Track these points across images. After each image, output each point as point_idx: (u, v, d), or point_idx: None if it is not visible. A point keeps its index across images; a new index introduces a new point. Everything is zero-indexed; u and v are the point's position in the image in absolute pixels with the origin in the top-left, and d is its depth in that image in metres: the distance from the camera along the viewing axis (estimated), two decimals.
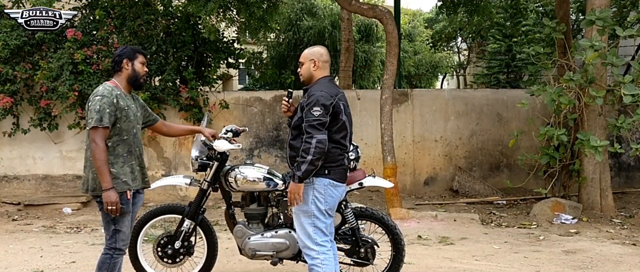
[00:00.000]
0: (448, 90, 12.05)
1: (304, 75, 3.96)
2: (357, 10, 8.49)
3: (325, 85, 3.81)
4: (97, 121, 3.65)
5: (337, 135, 3.76)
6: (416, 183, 9.88)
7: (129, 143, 3.87)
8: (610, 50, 7.11)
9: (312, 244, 3.79)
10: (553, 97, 7.07)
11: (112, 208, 3.64)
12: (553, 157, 7.58)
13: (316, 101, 3.65)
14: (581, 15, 12.24)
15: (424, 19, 26.96)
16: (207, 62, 9.78)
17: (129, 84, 3.97)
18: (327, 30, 18.12)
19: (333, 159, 3.76)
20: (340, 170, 3.82)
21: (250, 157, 9.61)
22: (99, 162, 3.63)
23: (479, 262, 5.58)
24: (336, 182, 3.80)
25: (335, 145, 3.75)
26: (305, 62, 3.93)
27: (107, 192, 3.64)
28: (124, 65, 3.93)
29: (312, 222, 3.79)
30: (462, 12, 12.35)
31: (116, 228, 3.81)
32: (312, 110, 3.64)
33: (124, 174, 3.78)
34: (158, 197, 9.24)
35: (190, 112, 9.19)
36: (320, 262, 3.76)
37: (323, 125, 3.64)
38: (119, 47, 4.08)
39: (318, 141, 3.60)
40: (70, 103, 8.63)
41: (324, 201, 3.77)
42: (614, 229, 7.07)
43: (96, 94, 3.77)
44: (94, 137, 3.65)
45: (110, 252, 3.83)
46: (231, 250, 5.63)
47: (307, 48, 4.04)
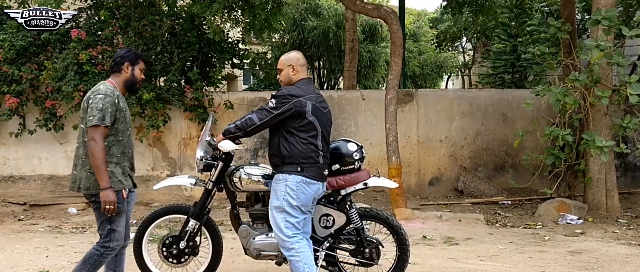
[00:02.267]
0: (453, 91, 12.03)
1: (283, 80, 4.14)
2: (361, 11, 8.48)
3: (298, 85, 4.04)
4: (99, 120, 3.64)
5: (305, 133, 3.95)
6: (421, 183, 9.86)
7: (123, 144, 3.87)
8: (616, 50, 7.09)
9: (285, 237, 3.94)
10: (558, 97, 7.05)
11: (110, 207, 3.63)
12: (558, 157, 7.56)
13: (274, 94, 3.95)
14: (587, 15, 12.21)
15: (428, 19, 26.94)
16: (211, 63, 9.79)
17: (125, 87, 3.97)
18: (332, 30, 18.11)
19: (305, 156, 3.94)
20: (314, 168, 3.97)
21: (255, 157, 9.62)
22: (99, 161, 3.61)
23: (484, 262, 5.57)
24: (309, 179, 3.95)
25: (304, 143, 3.94)
26: (283, 68, 4.12)
27: (106, 192, 3.63)
28: (124, 68, 3.92)
29: (283, 217, 3.95)
30: (467, 12, 12.34)
31: (112, 227, 3.81)
32: (269, 101, 3.95)
33: (117, 173, 3.79)
34: (163, 197, 9.26)
35: (195, 112, 9.21)
36: (296, 252, 3.93)
37: (269, 114, 3.90)
38: (123, 48, 4.08)
39: (249, 117, 3.97)
40: (76, 103, 8.66)
41: (296, 197, 3.92)
42: (620, 229, 7.04)
43: (98, 93, 3.74)
44: (94, 136, 3.63)
45: (101, 250, 3.82)
46: (236, 250, 5.64)
47: (283, 55, 4.20)
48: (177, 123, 9.51)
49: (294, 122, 3.92)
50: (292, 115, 3.90)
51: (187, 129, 9.54)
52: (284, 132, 3.96)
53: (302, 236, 4.00)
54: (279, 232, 3.98)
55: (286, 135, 3.96)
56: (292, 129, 3.93)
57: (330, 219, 4.36)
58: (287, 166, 3.95)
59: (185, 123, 9.51)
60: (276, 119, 3.91)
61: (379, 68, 20.29)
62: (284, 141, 3.95)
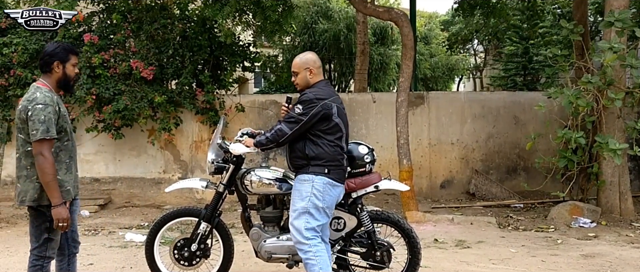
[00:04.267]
0: (464, 93, 12.00)
1: (300, 83, 4.06)
2: (372, 13, 8.49)
3: (319, 88, 3.97)
4: (43, 133, 3.35)
5: (332, 136, 3.90)
6: (432, 186, 9.83)
7: (69, 149, 3.65)
8: (629, 52, 7.04)
9: (304, 239, 3.88)
10: (571, 99, 7.00)
11: (63, 225, 3.43)
12: (571, 160, 7.50)
13: (301, 100, 3.85)
14: (599, 16, 12.14)
15: (440, 21, 26.87)
16: (223, 66, 9.84)
17: (59, 87, 3.65)
18: (343, 33, 18.13)
19: (332, 159, 3.91)
20: (339, 171, 3.95)
21: (266, 160, 9.63)
22: (49, 177, 3.37)
23: (496, 266, 5.54)
24: (335, 182, 3.93)
25: (332, 145, 3.90)
26: (300, 72, 4.03)
27: (58, 209, 3.41)
28: (54, 67, 3.58)
29: (306, 219, 3.89)
30: (479, 14, 12.29)
31: (50, 237, 3.58)
32: (295, 107, 3.87)
33: (67, 181, 3.58)
34: (175, 200, 9.30)
35: (207, 115, 9.24)
36: (313, 255, 3.87)
37: (298, 123, 3.83)
38: (50, 44, 3.73)
39: (280, 128, 3.88)
40: (88, 107, 8.72)
41: (322, 199, 3.88)
42: (634, 233, 6.98)
43: (36, 102, 3.41)
44: (41, 150, 3.36)
45: (40, 261, 3.61)
46: (247, 253, 5.65)
47: (297, 57, 4.12)
48: (188, 126, 9.54)
49: (321, 125, 3.87)
50: (320, 119, 3.85)
51: (199, 131, 9.58)
52: (310, 135, 3.90)
53: (320, 240, 3.96)
54: (298, 235, 3.91)
55: (312, 137, 3.90)
56: (318, 132, 3.89)
57: (341, 222, 4.35)
58: (313, 167, 3.90)
59: (197, 126, 9.54)
60: (306, 126, 3.85)
61: (390, 71, 20.29)
62: (310, 143, 3.90)
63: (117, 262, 5.76)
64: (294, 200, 3.96)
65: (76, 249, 3.96)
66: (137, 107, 8.62)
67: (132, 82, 8.81)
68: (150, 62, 8.81)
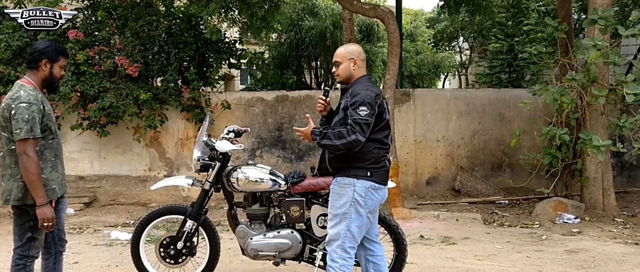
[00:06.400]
0: (450, 90, 12.04)
1: (342, 75, 3.82)
2: (358, 11, 8.49)
3: (367, 84, 3.73)
4: (27, 132, 3.34)
5: (381, 134, 3.69)
6: (418, 183, 9.87)
7: (54, 147, 3.63)
8: (612, 49, 7.10)
9: (338, 247, 3.71)
10: (555, 96, 7.06)
11: (48, 224, 3.41)
12: (555, 156, 7.57)
13: (363, 101, 3.55)
14: (583, 14, 12.24)
15: (425, 19, 26.92)
16: (209, 63, 9.79)
17: (43, 86, 3.61)
18: (329, 30, 18.09)
19: (376, 160, 3.69)
20: (382, 172, 3.73)
21: (252, 157, 9.61)
22: (33, 177, 3.35)
23: (482, 262, 5.58)
24: (378, 184, 3.70)
25: (378, 145, 3.69)
26: (343, 62, 3.80)
27: (43, 209, 3.39)
28: (42, 66, 3.56)
29: (346, 224, 3.69)
30: (464, 11, 12.33)
31: (33, 236, 3.56)
32: (358, 110, 3.54)
33: (53, 180, 3.56)
34: (160, 197, 9.26)
35: (192, 112, 9.19)
36: (338, 267, 3.70)
37: (369, 127, 3.57)
38: (41, 41, 3.70)
39: (355, 139, 3.51)
40: (72, 104, 8.64)
41: (364, 204, 3.68)
42: (617, 228, 7.06)
43: (20, 101, 3.38)
44: (25, 149, 3.34)
45: (23, 260, 3.58)
46: (233, 250, 5.64)
47: (342, 46, 3.92)
48: (174, 123, 9.49)
49: (375, 124, 3.64)
50: (376, 116, 3.64)
51: (184, 129, 9.53)
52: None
53: (353, 254, 3.75)
54: (335, 240, 3.72)
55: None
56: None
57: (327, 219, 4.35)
58: (354, 170, 3.67)
59: (183, 123, 9.50)
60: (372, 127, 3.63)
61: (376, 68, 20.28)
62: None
63: (102, 261, 5.72)
64: (332, 203, 3.76)
65: (63, 248, 3.93)
66: (122, 104, 8.55)
67: (117, 80, 8.74)
68: (136, 59, 8.75)
